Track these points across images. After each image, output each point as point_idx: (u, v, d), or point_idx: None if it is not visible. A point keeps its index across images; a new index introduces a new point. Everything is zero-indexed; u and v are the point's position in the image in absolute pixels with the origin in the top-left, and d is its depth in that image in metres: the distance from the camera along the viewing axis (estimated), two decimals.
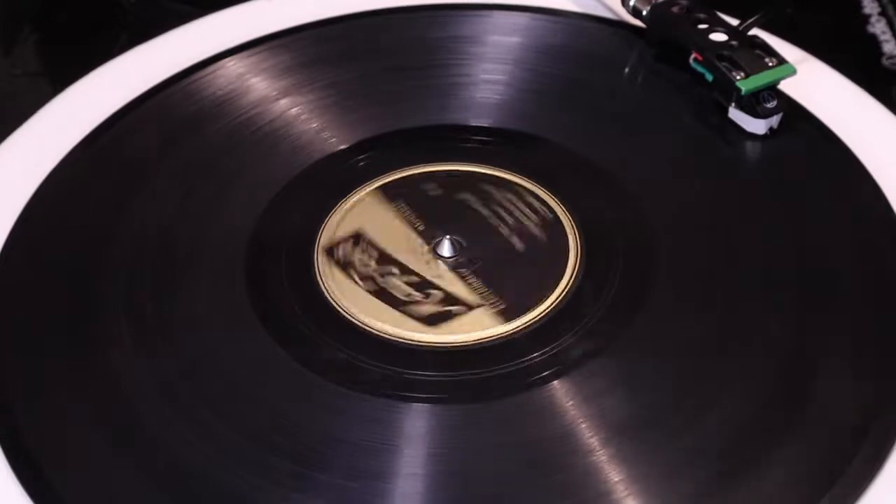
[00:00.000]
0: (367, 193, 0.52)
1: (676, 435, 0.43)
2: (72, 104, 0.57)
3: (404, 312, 0.47)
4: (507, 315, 0.47)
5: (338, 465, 0.42)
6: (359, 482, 0.42)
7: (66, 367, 0.46)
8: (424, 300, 0.48)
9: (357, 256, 0.49)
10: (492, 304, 0.47)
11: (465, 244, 0.50)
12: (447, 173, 0.53)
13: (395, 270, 0.49)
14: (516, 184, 0.52)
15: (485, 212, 0.51)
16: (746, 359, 0.45)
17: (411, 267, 0.49)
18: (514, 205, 0.51)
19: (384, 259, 0.49)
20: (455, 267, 0.49)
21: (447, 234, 0.50)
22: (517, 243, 0.50)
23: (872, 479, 0.41)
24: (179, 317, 0.48)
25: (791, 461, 0.42)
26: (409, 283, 0.48)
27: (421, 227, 0.51)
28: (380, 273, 0.49)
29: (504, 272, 0.49)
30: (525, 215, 0.51)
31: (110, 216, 0.51)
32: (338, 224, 0.51)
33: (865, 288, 0.47)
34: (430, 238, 0.50)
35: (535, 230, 0.50)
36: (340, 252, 0.50)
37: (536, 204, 0.51)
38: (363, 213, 0.52)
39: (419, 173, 0.53)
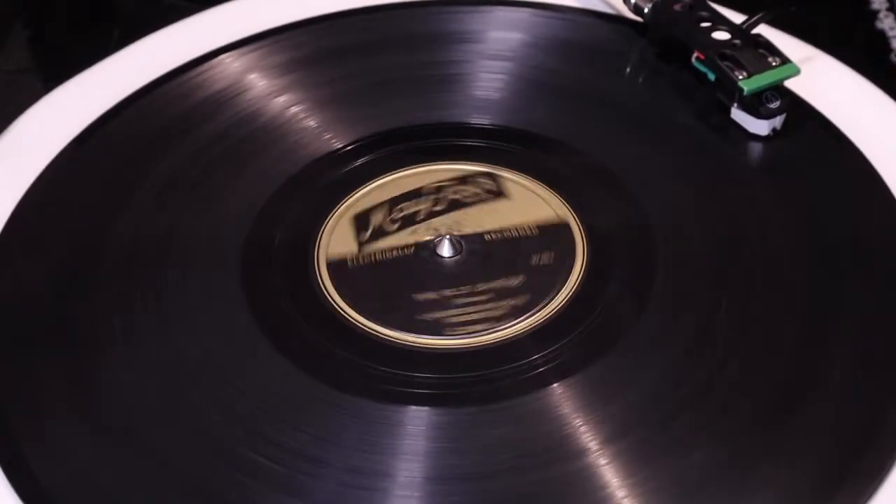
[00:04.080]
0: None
1: (677, 437, 0.42)
2: (64, 102, 0.57)
3: None
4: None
5: (335, 468, 0.42)
6: (357, 485, 0.41)
7: (59, 368, 0.45)
8: None
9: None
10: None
11: (465, 244, 0.50)
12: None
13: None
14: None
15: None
16: (751, 362, 0.45)
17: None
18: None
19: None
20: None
21: (447, 234, 0.50)
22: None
23: (880, 484, 0.41)
24: (174, 317, 0.47)
25: (794, 467, 0.42)
26: None
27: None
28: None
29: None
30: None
31: (104, 216, 0.51)
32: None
33: (874, 291, 0.47)
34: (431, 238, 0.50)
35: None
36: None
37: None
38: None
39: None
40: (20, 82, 0.67)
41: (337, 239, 0.50)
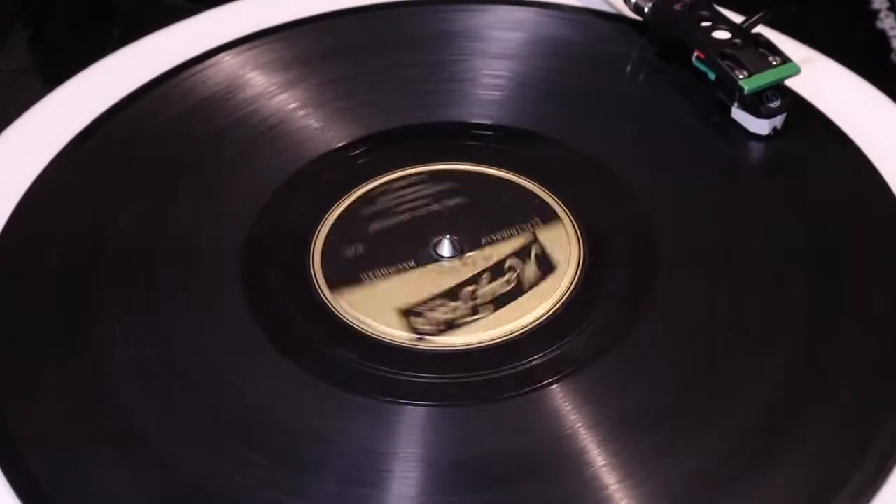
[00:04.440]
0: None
1: (678, 439, 0.42)
2: (64, 102, 0.57)
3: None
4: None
5: (333, 469, 0.42)
6: (355, 485, 0.41)
7: (58, 368, 0.45)
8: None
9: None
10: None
11: (465, 244, 0.49)
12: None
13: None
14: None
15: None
16: (752, 362, 0.45)
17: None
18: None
19: None
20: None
21: (447, 234, 0.50)
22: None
23: (881, 486, 0.41)
24: (174, 317, 0.47)
25: (793, 469, 0.41)
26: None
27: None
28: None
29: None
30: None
31: (104, 215, 0.51)
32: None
33: (875, 291, 0.47)
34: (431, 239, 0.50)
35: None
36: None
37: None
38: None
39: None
40: (20, 82, 0.67)
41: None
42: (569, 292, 0.48)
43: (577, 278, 0.48)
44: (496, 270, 0.48)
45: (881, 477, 0.41)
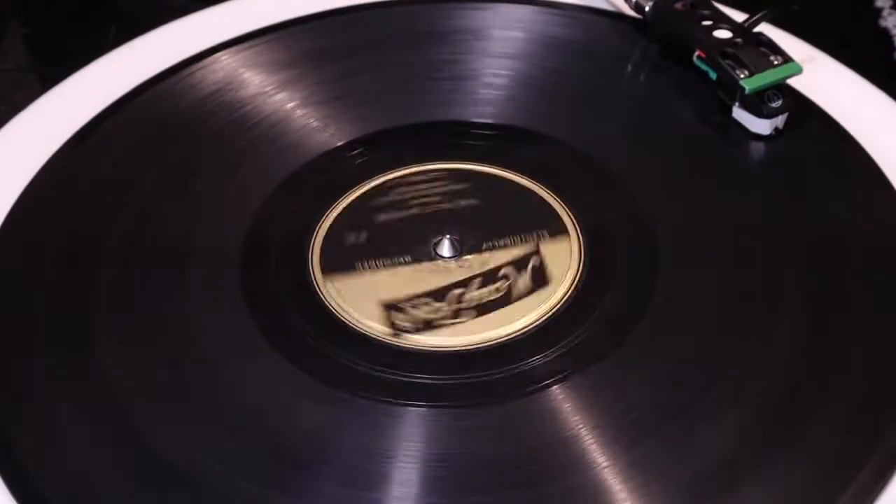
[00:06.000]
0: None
1: (678, 440, 0.42)
2: (62, 100, 0.57)
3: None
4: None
5: (333, 469, 0.42)
6: (354, 486, 0.41)
7: (56, 366, 0.45)
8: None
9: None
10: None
11: (465, 244, 0.49)
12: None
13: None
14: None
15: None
16: (752, 365, 0.45)
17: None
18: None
19: None
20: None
21: (447, 234, 0.49)
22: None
23: (883, 488, 0.41)
24: (172, 316, 0.47)
25: (795, 469, 0.41)
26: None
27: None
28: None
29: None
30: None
31: (102, 215, 0.51)
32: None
33: (878, 290, 0.47)
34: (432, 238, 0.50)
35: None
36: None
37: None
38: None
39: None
40: (18, 81, 0.67)
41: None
42: (570, 293, 0.47)
43: (577, 279, 0.48)
44: (489, 277, 0.48)
45: (882, 480, 0.41)
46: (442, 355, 0.45)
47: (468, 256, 0.49)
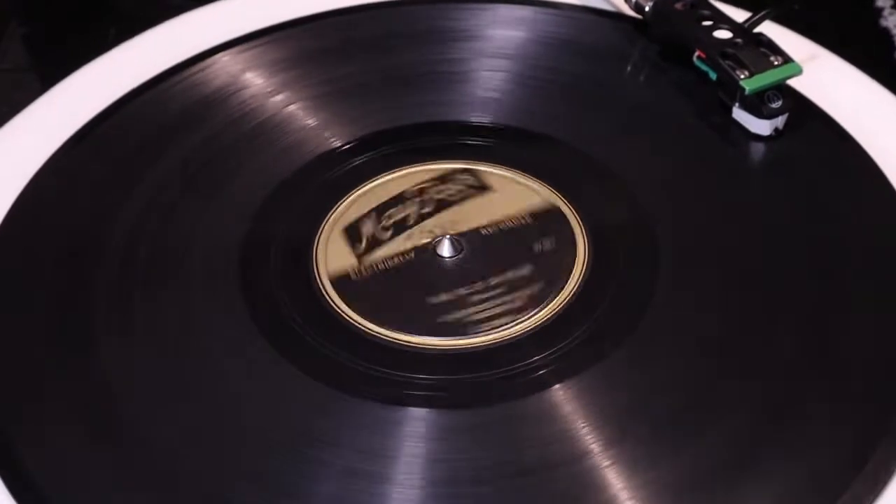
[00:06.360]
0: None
1: (678, 441, 0.42)
2: (61, 100, 0.57)
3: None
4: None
5: (333, 469, 0.42)
6: (354, 486, 0.41)
7: (57, 368, 0.45)
8: None
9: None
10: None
11: (465, 244, 0.49)
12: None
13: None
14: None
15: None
16: (753, 363, 0.45)
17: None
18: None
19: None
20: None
21: (447, 234, 0.50)
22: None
23: (883, 488, 0.41)
24: (172, 317, 0.47)
25: (796, 469, 0.41)
26: None
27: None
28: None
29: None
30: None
31: (101, 215, 0.51)
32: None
33: (878, 290, 0.47)
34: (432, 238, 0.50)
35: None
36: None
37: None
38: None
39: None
40: (18, 81, 0.67)
41: (333, 254, 0.50)
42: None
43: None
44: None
45: (883, 480, 0.41)
46: (442, 355, 0.45)
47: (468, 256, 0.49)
